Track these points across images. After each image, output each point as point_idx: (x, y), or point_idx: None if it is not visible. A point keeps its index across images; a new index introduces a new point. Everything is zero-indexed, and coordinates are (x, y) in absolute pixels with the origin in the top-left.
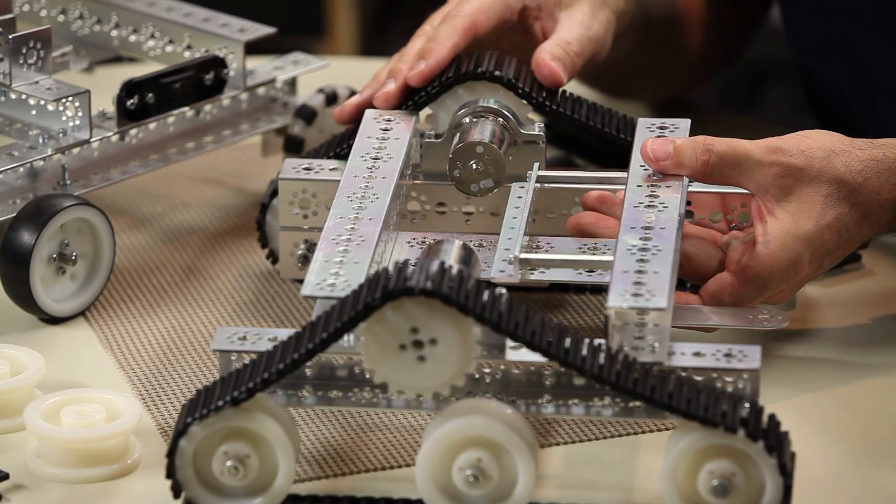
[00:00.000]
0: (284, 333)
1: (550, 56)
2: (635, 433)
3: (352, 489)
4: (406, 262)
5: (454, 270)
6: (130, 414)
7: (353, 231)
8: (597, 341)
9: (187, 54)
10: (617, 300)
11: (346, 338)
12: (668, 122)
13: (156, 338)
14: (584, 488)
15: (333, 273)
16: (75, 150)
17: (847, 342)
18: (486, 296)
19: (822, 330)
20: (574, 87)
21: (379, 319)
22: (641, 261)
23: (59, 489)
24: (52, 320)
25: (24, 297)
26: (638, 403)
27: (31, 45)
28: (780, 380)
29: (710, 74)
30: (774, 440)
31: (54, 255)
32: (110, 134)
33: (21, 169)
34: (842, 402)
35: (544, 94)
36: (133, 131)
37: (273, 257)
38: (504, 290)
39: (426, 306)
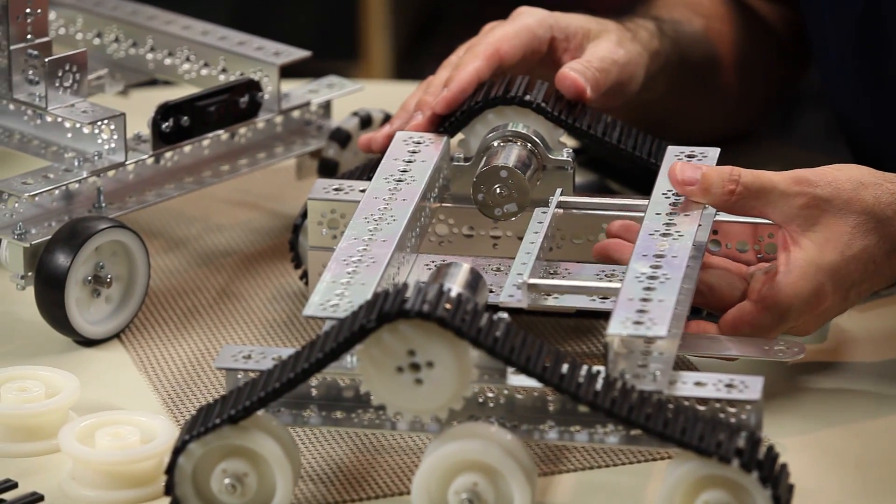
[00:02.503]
0: (287, 353)
1: (570, 69)
2: (646, 461)
3: None
4: (405, 284)
5: (452, 293)
6: (165, 436)
7: (364, 252)
8: (595, 368)
9: (222, 77)
10: (617, 328)
11: (349, 359)
12: (696, 150)
13: (190, 360)
14: None
15: (338, 294)
16: (110, 173)
17: (877, 374)
18: (483, 320)
19: (852, 360)
20: None
21: (376, 341)
22: (648, 289)
23: None
24: (87, 342)
25: (59, 319)
26: (639, 431)
27: (67, 68)
28: (803, 412)
29: (754, 120)
30: (769, 471)
31: (89, 278)
32: (145, 157)
33: (57, 191)
34: (863, 436)
35: (574, 117)
36: (168, 154)
37: (306, 277)
38: (505, 315)
39: (423, 329)
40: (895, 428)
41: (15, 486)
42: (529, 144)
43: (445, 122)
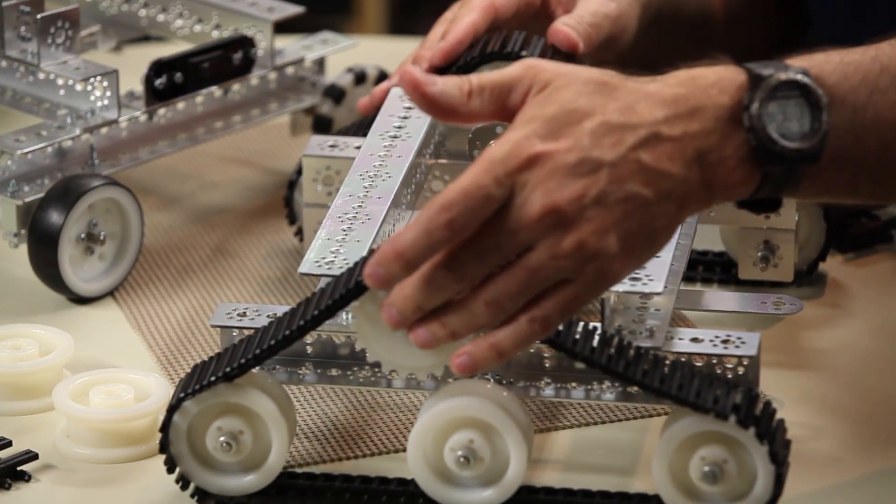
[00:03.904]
0: (282, 310)
1: (562, 24)
2: (643, 417)
3: (352, 468)
4: None
5: None
6: (159, 394)
7: (359, 209)
8: (591, 325)
9: (216, 34)
10: None
11: (344, 316)
12: None
13: (184, 317)
14: (586, 472)
15: (334, 251)
16: (103, 130)
17: (874, 328)
18: None
19: (849, 315)
20: None
21: (371, 298)
22: None
23: (87, 469)
24: (81, 300)
25: (52, 277)
26: (636, 388)
27: (60, 24)
28: (800, 367)
29: None
30: (766, 427)
31: (83, 235)
32: (138, 113)
33: (49, 149)
34: (859, 390)
35: None
36: (161, 111)
37: (301, 234)
38: None
39: None
40: (891, 381)
41: (9, 444)
42: None
43: None
